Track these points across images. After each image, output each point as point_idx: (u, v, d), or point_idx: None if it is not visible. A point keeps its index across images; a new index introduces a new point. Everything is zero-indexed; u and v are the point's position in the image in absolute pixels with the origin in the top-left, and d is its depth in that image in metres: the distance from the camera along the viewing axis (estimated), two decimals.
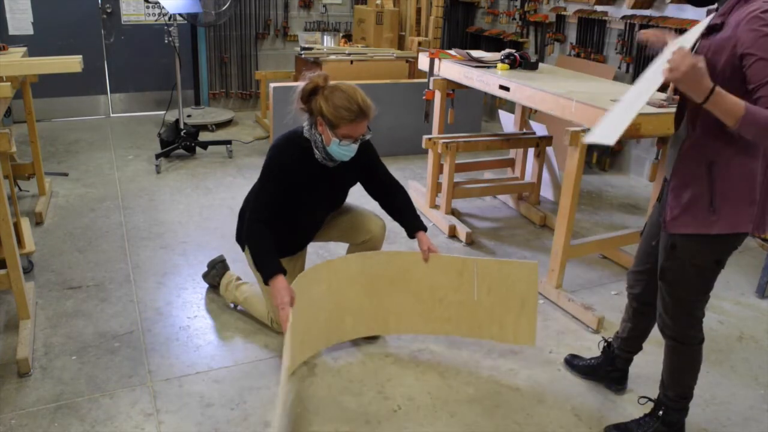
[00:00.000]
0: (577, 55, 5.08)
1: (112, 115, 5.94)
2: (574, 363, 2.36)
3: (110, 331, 2.52)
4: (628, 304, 2.15)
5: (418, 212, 2.52)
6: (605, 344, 2.30)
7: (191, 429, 2.01)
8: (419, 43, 5.40)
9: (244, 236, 2.33)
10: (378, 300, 2.37)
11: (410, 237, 2.42)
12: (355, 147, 2.17)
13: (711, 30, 1.61)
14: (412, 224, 2.41)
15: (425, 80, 3.78)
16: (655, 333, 2.66)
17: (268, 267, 2.12)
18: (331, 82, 2.15)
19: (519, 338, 2.35)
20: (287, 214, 2.28)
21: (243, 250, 2.63)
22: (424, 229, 2.40)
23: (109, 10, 5.61)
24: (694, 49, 1.65)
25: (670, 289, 1.84)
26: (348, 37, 6.18)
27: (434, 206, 3.78)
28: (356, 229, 2.46)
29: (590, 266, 3.26)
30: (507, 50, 3.52)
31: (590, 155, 4.89)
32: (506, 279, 2.31)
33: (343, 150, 2.16)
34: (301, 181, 2.24)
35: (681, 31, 4.06)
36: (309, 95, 2.15)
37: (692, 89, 1.45)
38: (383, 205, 2.48)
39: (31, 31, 5.32)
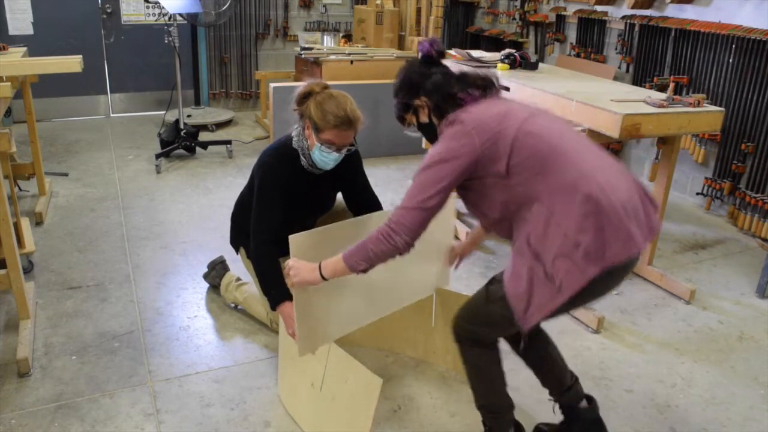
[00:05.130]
0: (577, 55, 5.08)
1: (112, 115, 5.94)
2: None
3: (110, 331, 2.52)
4: (512, 350, 1.95)
5: None
6: (559, 406, 1.99)
7: (191, 429, 2.02)
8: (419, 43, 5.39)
9: (252, 260, 2.33)
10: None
11: None
12: (336, 156, 2.16)
13: None
14: None
15: None
16: (652, 332, 2.68)
17: (275, 293, 2.13)
18: (328, 90, 2.16)
19: None
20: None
21: (237, 252, 2.64)
22: None
23: (109, 10, 5.61)
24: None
25: (491, 304, 1.69)
26: (348, 37, 6.18)
27: None
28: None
29: None
30: (507, 50, 3.52)
31: None
32: None
33: (324, 156, 2.15)
34: (293, 192, 2.26)
35: (680, 31, 4.07)
36: (303, 98, 2.17)
37: (309, 277, 1.73)
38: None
39: (31, 31, 5.32)
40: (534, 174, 1.54)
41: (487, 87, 1.70)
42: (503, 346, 1.87)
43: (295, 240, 1.77)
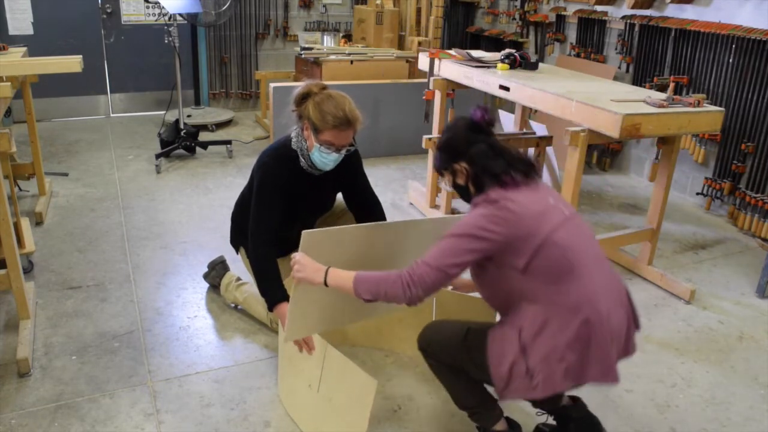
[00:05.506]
0: (577, 55, 5.08)
1: (112, 115, 5.94)
2: None
3: (110, 331, 2.52)
4: None
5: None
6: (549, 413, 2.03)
7: (191, 429, 2.02)
8: (419, 43, 5.40)
9: (250, 260, 2.33)
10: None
11: None
12: (335, 157, 2.16)
13: None
14: None
15: (425, 80, 3.78)
16: (652, 332, 2.68)
17: (272, 294, 2.14)
18: (326, 91, 2.15)
19: None
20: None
21: (237, 252, 2.64)
22: None
23: (109, 10, 5.61)
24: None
25: (465, 353, 1.78)
26: (348, 37, 6.18)
27: (434, 206, 3.78)
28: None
29: None
30: (507, 50, 3.52)
31: (590, 155, 4.89)
32: (464, 312, 2.24)
33: (323, 157, 2.15)
34: (292, 193, 2.26)
35: (680, 31, 4.07)
36: (301, 99, 2.16)
37: (313, 277, 1.74)
38: (357, 219, 2.45)
39: (31, 31, 5.32)
40: (546, 282, 1.61)
41: (528, 172, 1.74)
42: None
43: (307, 236, 1.77)
